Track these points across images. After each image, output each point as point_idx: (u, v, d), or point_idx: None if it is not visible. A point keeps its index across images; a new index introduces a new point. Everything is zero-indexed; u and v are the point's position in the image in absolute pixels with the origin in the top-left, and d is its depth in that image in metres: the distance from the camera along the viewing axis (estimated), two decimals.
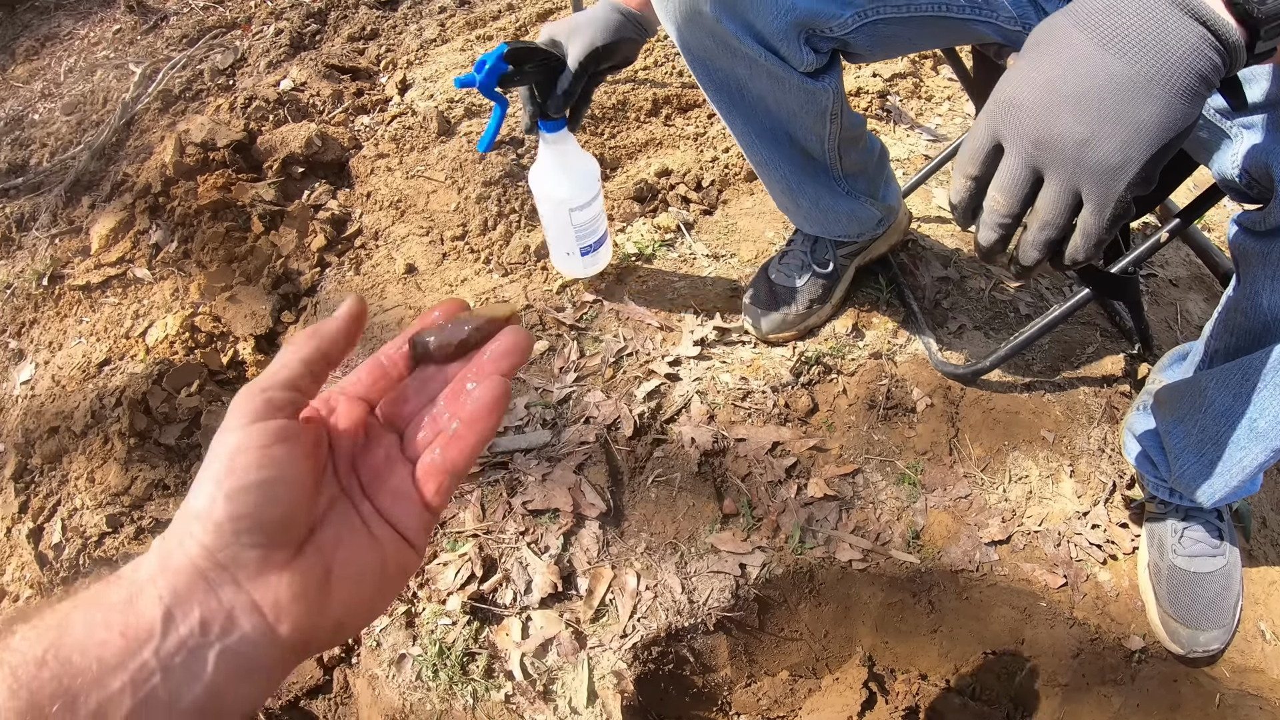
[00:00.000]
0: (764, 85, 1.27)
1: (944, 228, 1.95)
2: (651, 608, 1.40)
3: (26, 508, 1.78)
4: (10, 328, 2.08)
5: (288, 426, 0.49)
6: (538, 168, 1.53)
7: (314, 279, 1.90)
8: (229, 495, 0.45)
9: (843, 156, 1.43)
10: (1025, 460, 1.53)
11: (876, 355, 1.68)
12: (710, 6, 1.17)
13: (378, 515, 0.54)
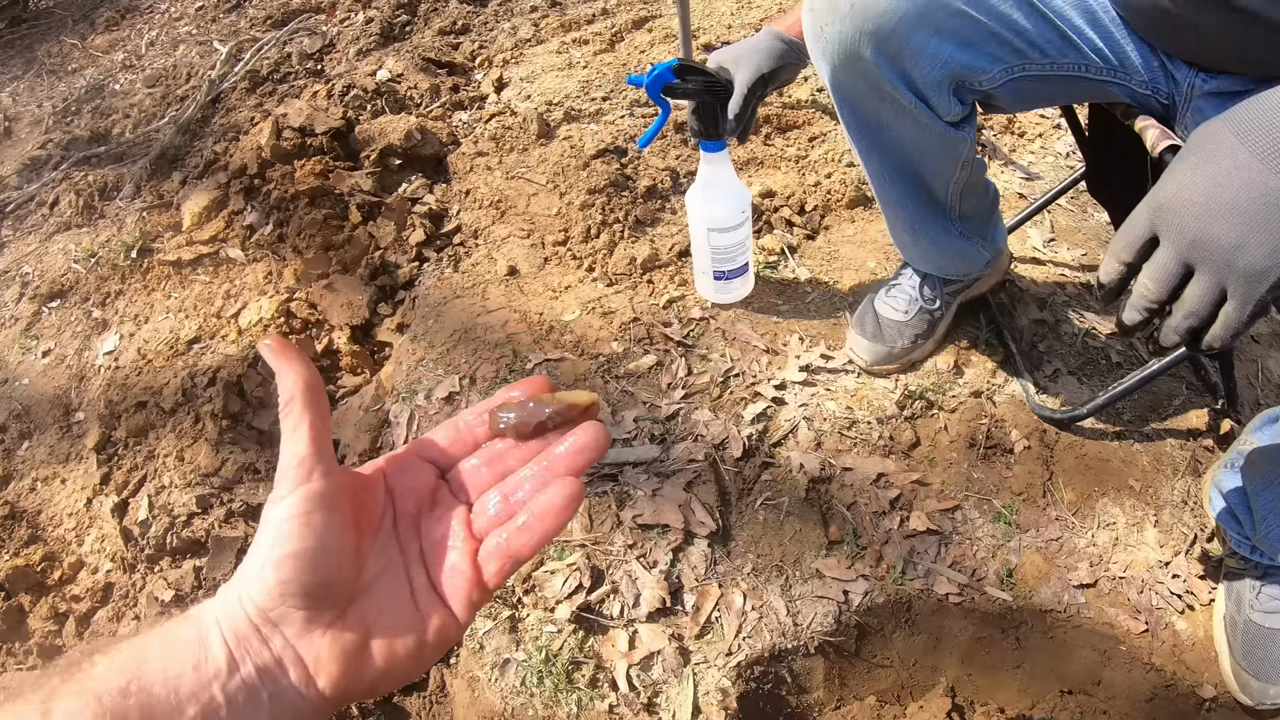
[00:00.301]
0: (906, 129, 1.30)
1: (1039, 269, 1.94)
2: (756, 628, 1.39)
3: (109, 480, 1.76)
4: (95, 297, 2.06)
5: (326, 492, 0.50)
6: (694, 185, 1.59)
7: (412, 273, 1.89)
8: (276, 563, 0.48)
9: (963, 199, 1.46)
10: (1113, 507, 1.54)
11: (976, 394, 1.68)
12: (871, 54, 1.19)
13: (429, 587, 0.54)
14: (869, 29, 1.17)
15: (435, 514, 0.57)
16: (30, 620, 1.65)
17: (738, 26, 2.53)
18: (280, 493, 0.50)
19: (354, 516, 0.53)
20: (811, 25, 1.24)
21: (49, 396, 1.96)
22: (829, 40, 1.21)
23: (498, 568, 0.55)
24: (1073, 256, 1.93)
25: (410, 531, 0.56)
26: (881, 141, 1.37)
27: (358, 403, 1.69)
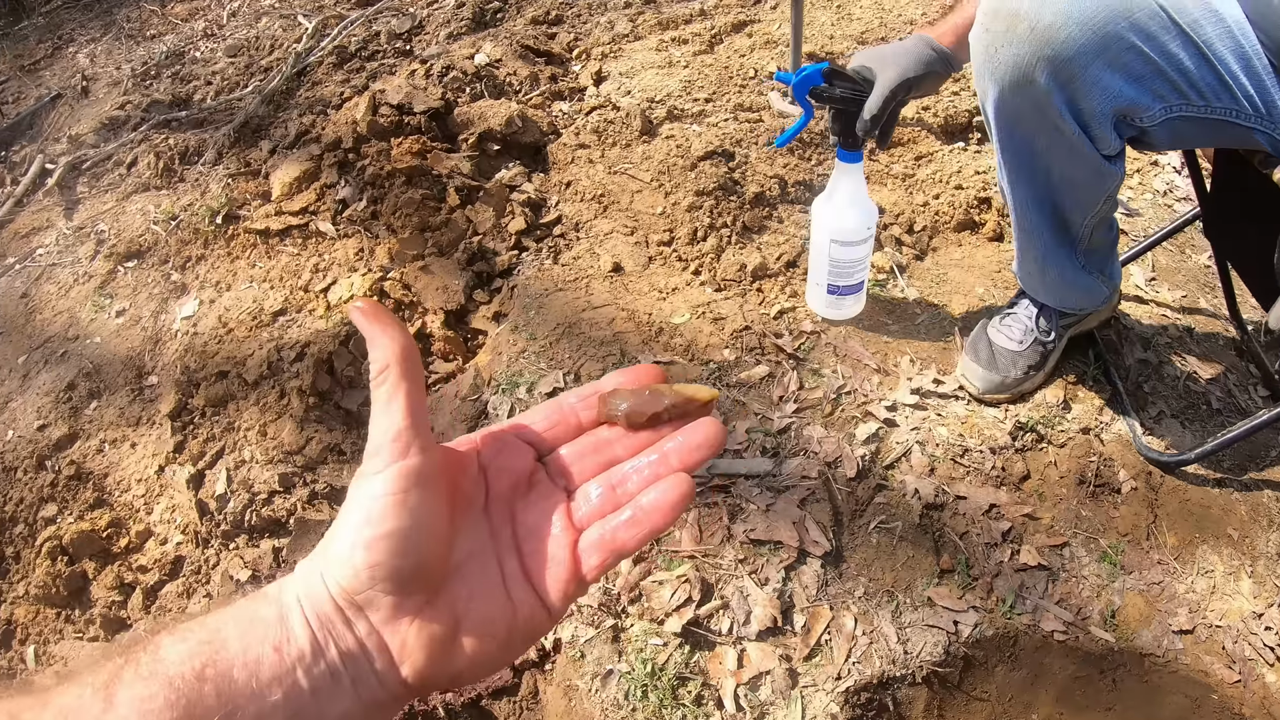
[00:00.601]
0: (1060, 158, 1.30)
1: (1141, 308, 1.91)
2: (867, 653, 1.35)
3: (183, 449, 1.69)
4: (174, 260, 2.00)
5: (423, 470, 0.46)
6: (823, 193, 1.55)
7: (510, 262, 1.82)
8: (367, 544, 0.44)
9: (1094, 233, 1.47)
10: (1212, 554, 1.52)
11: (1085, 430, 1.64)
12: (1045, 80, 1.17)
13: (521, 575, 0.50)
14: (1046, 55, 1.15)
15: (531, 499, 0.53)
16: (94, 588, 1.58)
17: (839, 37, 2.47)
18: (373, 467, 0.46)
19: (449, 496, 0.49)
20: (985, 45, 1.22)
21: (121, 357, 1.90)
22: (1003, 62, 1.20)
23: (599, 560, 0.50)
24: (1173, 297, 1.90)
25: (503, 515, 0.52)
26: (1031, 167, 1.35)
27: (453, 390, 1.62)
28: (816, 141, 2.12)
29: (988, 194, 2.01)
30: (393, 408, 0.46)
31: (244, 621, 0.44)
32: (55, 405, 1.84)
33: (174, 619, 0.49)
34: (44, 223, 2.28)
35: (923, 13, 2.64)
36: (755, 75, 2.30)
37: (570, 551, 0.50)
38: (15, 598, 1.60)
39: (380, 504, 0.44)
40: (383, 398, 0.46)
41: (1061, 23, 1.14)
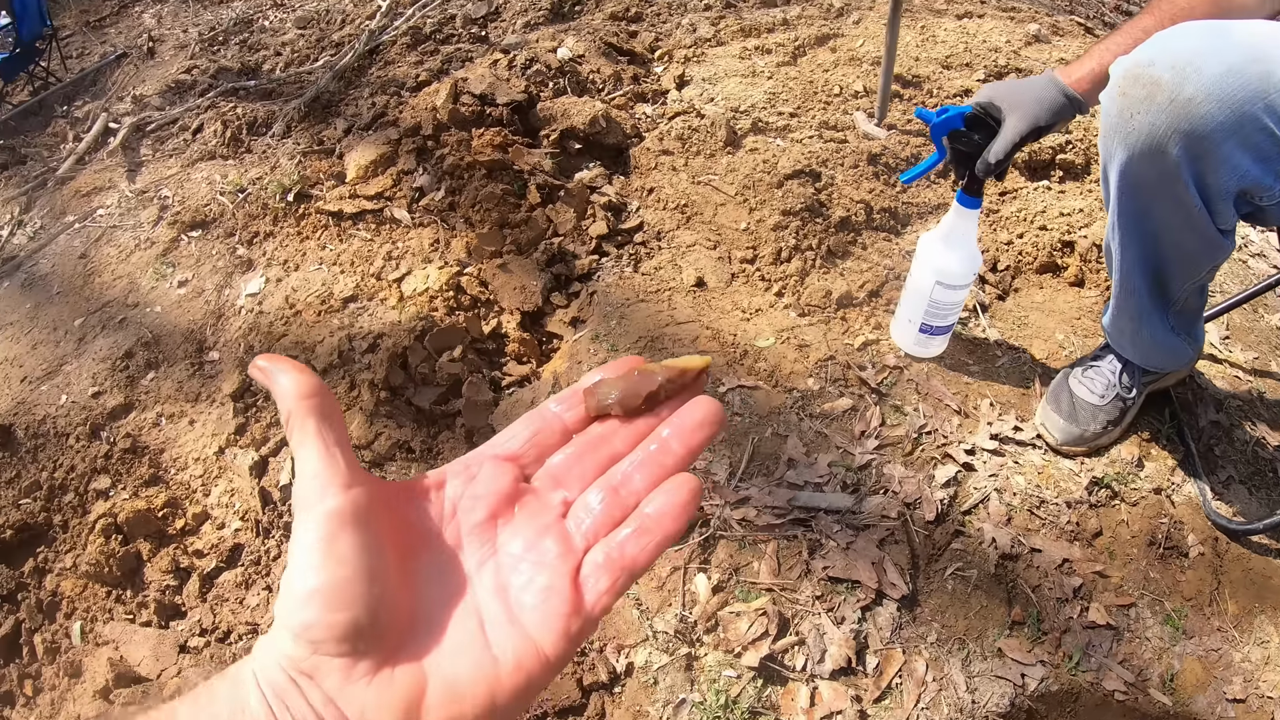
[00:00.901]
0: (1175, 226, 1.30)
1: (1214, 367, 1.88)
2: (935, 700, 1.33)
3: (244, 431, 1.65)
4: (241, 234, 1.96)
5: (349, 509, 0.41)
6: (933, 232, 1.53)
7: (590, 266, 1.78)
8: (300, 602, 0.40)
9: (1188, 298, 1.48)
10: (1269, 625, 1.50)
11: (1157, 490, 1.62)
12: (1177, 151, 1.16)
13: (506, 619, 0.44)
14: (1183, 129, 1.15)
15: (517, 523, 0.46)
16: (147, 571, 1.54)
17: (925, 60, 2.42)
18: (299, 519, 0.41)
19: (395, 535, 0.44)
20: (1120, 109, 1.21)
21: (182, 329, 1.86)
22: (1136, 129, 1.19)
23: (609, 584, 0.44)
24: (1246, 359, 1.88)
25: (483, 549, 0.46)
26: (1144, 231, 1.35)
27: (530, 396, 1.58)
28: (902, 168, 2.08)
29: (1071, 237, 1.97)
30: (304, 450, 0.42)
31: (200, 701, 0.41)
32: (111, 373, 1.81)
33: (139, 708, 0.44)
34: (106, 183, 2.24)
35: (1006, 40, 2.59)
36: (840, 93, 2.26)
37: (570, 580, 0.44)
38: (63, 569, 1.57)
39: (306, 554, 0.40)
40: (295, 441, 0.43)
41: (1202, 98, 1.12)
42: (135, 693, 1.40)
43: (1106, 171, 1.32)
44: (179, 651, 1.46)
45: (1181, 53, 1.15)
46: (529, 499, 0.47)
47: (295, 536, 0.41)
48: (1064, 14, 3.02)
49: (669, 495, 0.45)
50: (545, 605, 0.43)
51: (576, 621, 0.44)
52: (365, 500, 0.42)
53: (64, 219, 2.23)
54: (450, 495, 0.47)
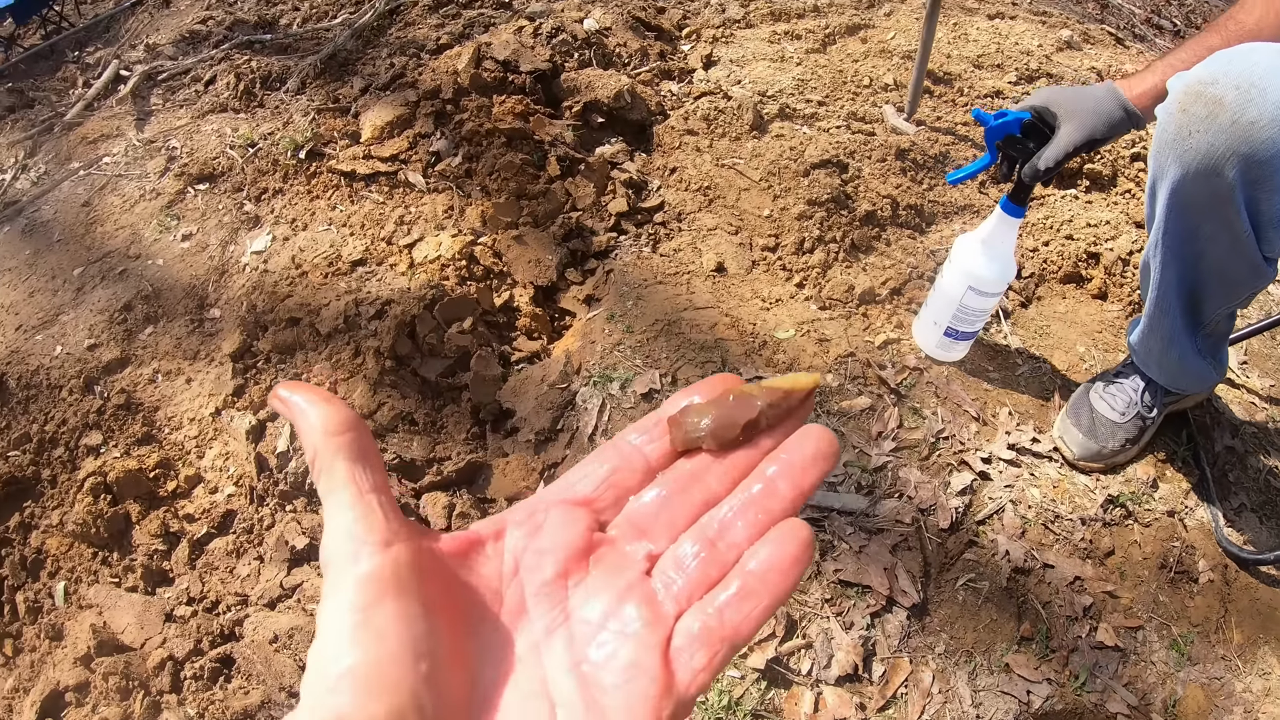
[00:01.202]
0: (1220, 249, 1.27)
1: (1232, 392, 1.85)
2: (940, 713, 1.31)
3: (243, 393, 1.60)
4: (250, 189, 1.90)
5: (392, 572, 0.34)
6: (971, 235, 1.48)
7: (609, 244, 1.73)
8: (329, 685, 0.32)
9: (1219, 322, 1.46)
10: (1271, 657, 1.49)
11: (1171, 513, 1.60)
12: (1234, 174, 1.13)
13: (583, 702, 0.36)
14: (1243, 151, 1.12)
15: (591, 583, 0.39)
16: (136, 533, 1.49)
17: (956, 58, 2.37)
18: (329, 583, 0.34)
19: (446, 600, 0.36)
20: (1179, 126, 1.17)
21: (183, 284, 1.80)
22: (1194, 148, 1.16)
23: (707, 659, 0.36)
24: (1263, 386, 1.86)
25: (551, 613, 0.38)
26: (1186, 250, 1.32)
27: (540, 374, 1.53)
28: (929, 165, 2.03)
29: (1097, 249, 1.94)
30: (334, 498, 0.35)
31: None
32: (109, 325, 1.75)
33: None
34: (114, 130, 2.18)
35: (1039, 44, 2.54)
36: (869, 84, 2.20)
37: (660, 654, 0.36)
38: (49, 526, 1.52)
39: (338, 627, 0.33)
40: (323, 488, 0.35)
41: (1266, 123, 1.09)
42: (117, 661, 1.35)
43: (1155, 188, 1.28)
44: (165, 620, 1.41)
45: (1247, 73, 1.11)
46: (606, 552, 0.40)
47: (325, 604, 0.34)
48: (1095, 23, 2.97)
49: (777, 548, 0.37)
50: (630, 686, 0.36)
51: (669, 705, 0.36)
52: (409, 559, 0.35)
53: (69, 165, 2.17)
54: (511, 548, 0.40)
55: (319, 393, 0.36)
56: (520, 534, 0.40)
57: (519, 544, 0.39)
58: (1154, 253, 1.37)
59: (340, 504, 0.35)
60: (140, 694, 1.33)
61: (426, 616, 0.34)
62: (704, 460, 0.41)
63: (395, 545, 0.35)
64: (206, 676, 1.36)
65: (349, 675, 0.32)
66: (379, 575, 0.34)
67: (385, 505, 0.36)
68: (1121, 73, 2.56)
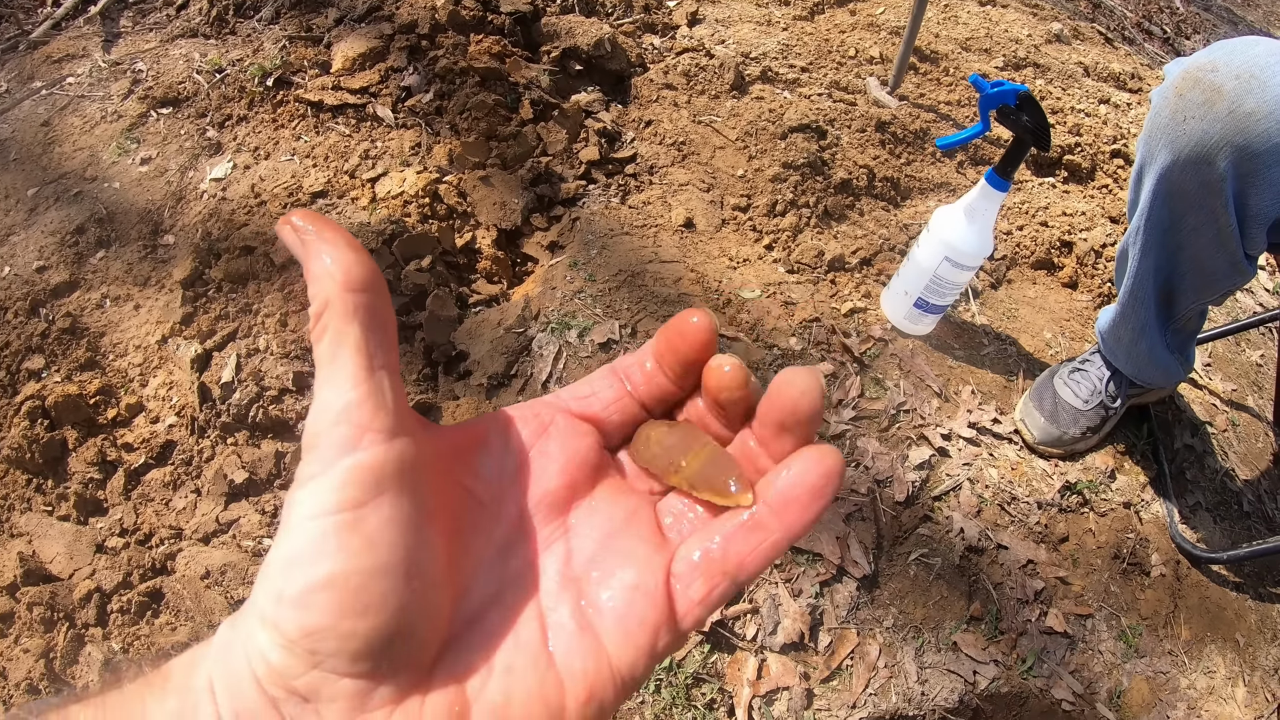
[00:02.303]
0: (1202, 243, 1.25)
1: (1194, 393, 1.86)
2: (885, 687, 1.29)
3: (191, 321, 1.55)
4: (214, 115, 1.85)
5: (393, 467, 0.29)
6: (952, 206, 1.46)
7: (577, 191, 1.69)
8: (299, 599, 0.27)
9: (1190, 318, 1.46)
10: (1217, 656, 1.50)
11: (1127, 505, 1.60)
12: (1225, 165, 1.11)
13: (576, 627, 0.32)
14: (1237, 142, 1.09)
15: (596, 501, 0.35)
16: (72, 461, 1.45)
17: (944, 38, 2.34)
18: (309, 468, 0.29)
19: (443, 510, 0.32)
20: (1174, 111, 1.15)
21: (139, 208, 1.75)
22: (1187, 134, 1.13)
23: (705, 591, 0.33)
24: (1224, 389, 1.87)
25: (550, 525, 0.35)
26: (1166, 242, 1.30)
27: (498, 318, 1.49)
28: (910, 140, 2.00)
29: (1071, 238, 1.93)
30: (336, 367, 0.29)
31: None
32: (60, 248, 1.70)
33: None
34: (79, 51, 2.11)
35: (1028, 34, 2.52)
36: (855, 55, 2.17)
37: (661, 580, 0.33)
38: None
39: (318, 530, 0.28)
40: (324, 354, 0.30)
41: (1263, 114, 1.06)
42: (43, 591, 1.31)
43: (1141, 172, 1.26)
44: (95, 551, 1.36)
45: (1248, 64, 1.09)
46: (614, 476, 0.36)
47: (301, 496, 0.29)
48: (1085, 20, 2.95)
49: (796, 477, 0.33)
50: (630, 609, 0.32)
51: (666, 635, 0.33)
52: (414, 458, 0.30)
53: (31, 84, 2.09)
54: (514, 448, 0.35)
55: (342, 233, 0.30)
56: (527, 433, 0.36)
57: (523, 445, 0.35)
58: (1134, 239, 1.35)
59: (343, 376, 0.29)
60: (65, 626, 1.28)
61: (425, 526, 0.30)
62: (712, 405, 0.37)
63: (401, 439, 0.30)
64: (134, 610, 1.31)
65: (327, 587, 0.27)
66: (379, 471, 0.29)
67: (395, 390, 0.31)
68: (1108, 71, 2.55)
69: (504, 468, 0.35)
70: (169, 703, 0.28)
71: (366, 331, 0.30)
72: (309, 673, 0.28)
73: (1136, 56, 2.85)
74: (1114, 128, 2.24)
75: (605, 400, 0.37)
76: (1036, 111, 1.32)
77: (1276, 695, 1.51)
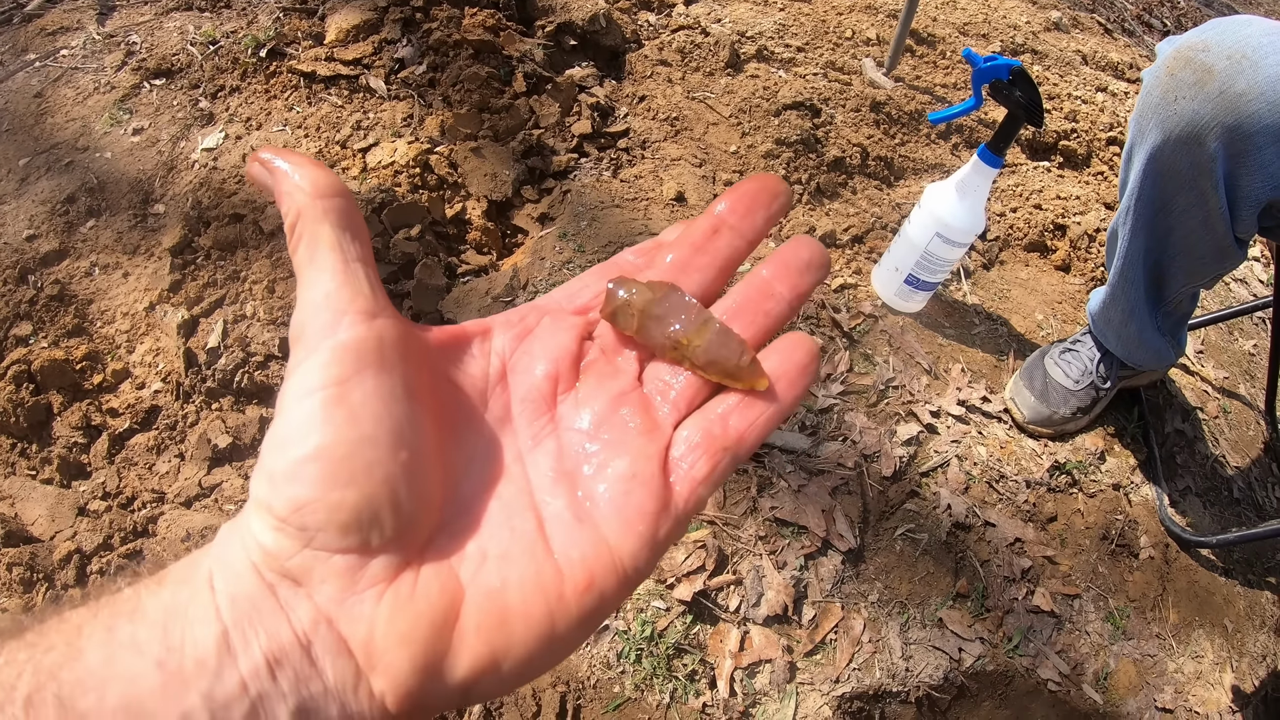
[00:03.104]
0: (1191, 224, 1.25)
1: (1186, 378, 1.86)
2: (869, 662, 1.29)
3: (179, 288, 1.55)
4: (206, 86, 1.84)
5: (372, 345, 0.30)
6: (944, 183, 1.46)
7: (568, 164, 1.68)
8: (289, 472, 0.28)
9: (1181, 301, 1.46)
10: (1205, 640, 1.50)
11: (1116, 486, 1.60)
12: (1215, 145, 1.10)
13: (572, 515, 0.33)
14: (1228, 123, 1.08)
15: (582, 391, 0.36)
16: (57, 425, 1.44)
17: (942, 22, 2.34)
18: (297, 356, 0.30)
19: (431, 396, 0.32)
20: (1165, 91, 1.14)
21: (130, 178, 1.74)
22: (1178, 114, 1.13)
23: (708, 469, 0.33)
24: (1216, 376, 1.87)
25: (538, 421, 0.35)
26: (1156, 224, 1.30)
27: (485, 286, 1.49)
28: (904, 121, 1.99)
29: (1065, 222, 1.92)
30: (315, 266, 0.31)
31: (116, 616, 0.28)
32: (50, 217, 1.69)
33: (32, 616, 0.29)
34: (74, 23, 2.10)
35: (1027, 21, 2.52)
36: (851, 37, 2.16)
37: (659, 465, 0.33)
38: None
39: (305, 408, 0.29)
40: (302, 258, 0.31)
41: (1254, 95, 1.05)
42: (23, 552, 1.30)
43: (1132, 152, 1.25)
44: (77, 514, 1.36)
45: (1240, 44, 1.08)
46: (597, 360, 0.37)
47: (290, 382, 0.30)
48: (1085, 10, 2.94)
49: (784, 355, 0.35)
50: (627, 498, 0.33)
51: (666, 521, 0.33)
52: (394, 336, 0.31)
53: (24, 56, 2.09)
54: (499, 350, 0.36)
55: (306, 157, 0.32)
56: (509, 337, 0.37)
57: (506, 347, 0.36)
58: (1124, 219, 1.34)
59: (321, 271, 0.31)
60: (44, 586, 1.28)
61: (410, 402, 0.31)
62: (685, 251, 0.38)
63: (380, 319, 0.31)
64: (114, 572, 1.31)
65: (315, 459, 0.28)
66: (360, 346, 0.30)
67: (371, 278, 0.32)
68: (1106, 60, 2.55)
69: (489, 368, 0.36)
70: (163, 595, 0.28)
71: (338, 231, 0.31)
72: (300, 552, 0.28)
73: (1135, 48, 2.84)
74: (1111, 115, 2.24)
75: (595, 290, 0.38)
76: (1030, 86, 1.31)
77: (1264, 682, 1.51)
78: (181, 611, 0.27)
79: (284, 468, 0.28)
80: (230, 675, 0.26)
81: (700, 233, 0.39)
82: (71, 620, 0.28)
